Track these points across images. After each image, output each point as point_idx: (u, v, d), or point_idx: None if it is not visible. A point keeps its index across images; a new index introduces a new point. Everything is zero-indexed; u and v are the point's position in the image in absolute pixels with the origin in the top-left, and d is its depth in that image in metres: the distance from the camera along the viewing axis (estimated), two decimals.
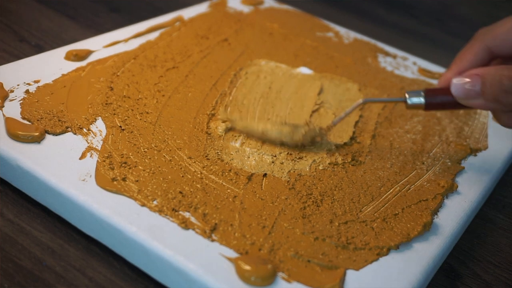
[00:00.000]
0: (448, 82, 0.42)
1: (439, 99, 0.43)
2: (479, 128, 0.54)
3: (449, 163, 0.48)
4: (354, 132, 0.49)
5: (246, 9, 0.69)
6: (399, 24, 0.83)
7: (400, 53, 0.65)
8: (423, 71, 0.62)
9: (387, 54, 0.65)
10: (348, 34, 0.68)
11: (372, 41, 0.67)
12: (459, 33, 0.83)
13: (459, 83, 0.41)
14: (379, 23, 0.82)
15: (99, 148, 0.41)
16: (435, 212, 0.42)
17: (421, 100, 0.43)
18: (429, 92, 0.43)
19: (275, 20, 0.67)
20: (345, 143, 0.47)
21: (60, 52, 0.51)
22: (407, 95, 0.43)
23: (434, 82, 0.61)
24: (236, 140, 0.45)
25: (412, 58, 0.65)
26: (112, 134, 0.43)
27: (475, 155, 0.50)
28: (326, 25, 0.69)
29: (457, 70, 0.43)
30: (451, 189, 0.44)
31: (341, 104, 0.53)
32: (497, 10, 0.93)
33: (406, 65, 0.63)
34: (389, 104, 0.54)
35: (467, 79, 0.41)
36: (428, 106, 0.43)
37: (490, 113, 0.57)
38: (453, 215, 0.42)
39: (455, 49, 0.78)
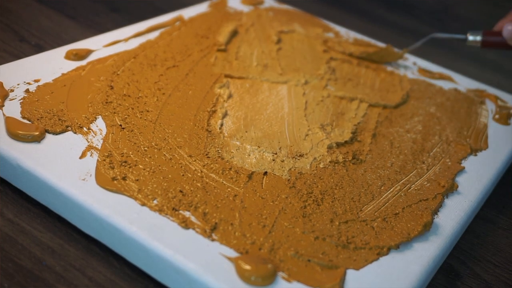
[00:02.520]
0: (502, 27, 0.54)
1: (493, 39, 0.55)
2: (479, 128, 0.54)
3: (449, 163, 0.48)
4: (355, 131, 0.49)
5: (246, 9, 0.69)
6: (399, 24, 0.83)
7: None
8: (423, 71, 0.62)
9: None
10: (348, 34, 0.68)
11: (372, 41, 0.67)
12: (459, 33, 0.83)
13: (509, 28, 0.53)
14: (379, 23, 0.82)
15: (99, 147, 0.41)
16: (436, 212, 0.42)
17: (478, 38, 0.56)
18: (486, 33, 0.56)
19: (275, 20, 0.67)
20: (345, 141, 0.47)
21: (60, 51, 0.51)
22: (468, 34, 0.56)
23: (434, 82, 0.61)
24: (237, 138, 0.45)
25: (412, 58, 0.65)
26: (112, 133, 0.43)
27: (475, 155, 0.50)
28: (326, 25, 0.69)
29: (510, 18, 0.55)
30: (451, 189, 0.44)
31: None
32: (497, 10, 0.93)
33: (406, 65, 0.63)
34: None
35: None
36: (484, 44, 0.56)
37: (490, 113, 0.57)
38: (453, 215, 0.42)
39: (455, 49, 0.78)
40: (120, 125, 0.44)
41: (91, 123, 0.43)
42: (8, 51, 0.56)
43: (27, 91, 0.45)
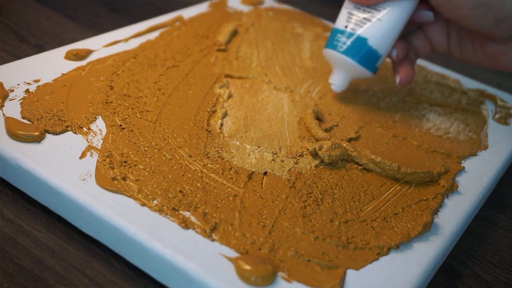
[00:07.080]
0: None
1: None
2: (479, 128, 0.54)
3: (449, 163, 0.48)
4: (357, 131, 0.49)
5: (246, 9, 0.69)
6: None
7: None
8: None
9: None
10: None
11: None
12: None
13: None
14: None
15: (99, 147, 0.41)
16: (436, 211, 0.42)
17: None
18: None
19: (275, 20, 0.67)
20: (351, 139, 0.47)
21: (60, 51, 0.51)
22: None
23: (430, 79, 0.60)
24: (237, 138, 0.45)
25: None
26: (112, 133, 0.43)
27: (475, 155, 0.50)
28: (326, 25, 0.69)
29: None
30: (451, 189, 0.44)
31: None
32: None
33: None
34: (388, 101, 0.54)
35: None
36: None
37: (490, 113, 0.57)
38: (453, 215, 0.42)
39: None
40: (120, 125, 0.44)
41: (91, 123, 0.43)
42: (8, 51, 0.56)
43: (27, 91, 0.45)
